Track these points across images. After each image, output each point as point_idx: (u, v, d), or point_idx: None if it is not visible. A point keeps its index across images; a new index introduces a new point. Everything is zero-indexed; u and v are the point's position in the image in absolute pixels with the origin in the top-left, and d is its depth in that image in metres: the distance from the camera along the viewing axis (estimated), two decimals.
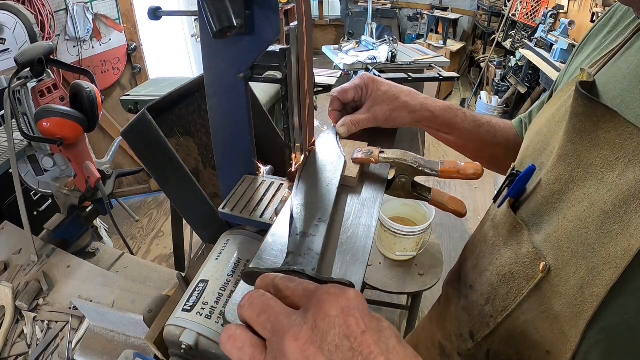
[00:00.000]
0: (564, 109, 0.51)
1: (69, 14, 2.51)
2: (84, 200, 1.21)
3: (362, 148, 0.63)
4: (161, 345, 0.55)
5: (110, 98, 2.90)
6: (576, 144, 0.45)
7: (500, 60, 5.02)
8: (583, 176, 0.44)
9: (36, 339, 0.92)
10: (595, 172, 0.43)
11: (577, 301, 0.41)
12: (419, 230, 1.60)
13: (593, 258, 0.41)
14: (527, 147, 0.59)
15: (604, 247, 0.40)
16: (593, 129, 0.43)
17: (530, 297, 0.48)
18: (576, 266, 0.42)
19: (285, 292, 0.33)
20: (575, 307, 0.42)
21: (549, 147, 0.52)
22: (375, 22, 4.38)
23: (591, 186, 0.43)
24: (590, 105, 0.43)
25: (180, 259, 2.14)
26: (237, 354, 0.31)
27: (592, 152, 0.43)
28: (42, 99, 1.13)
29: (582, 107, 0.44)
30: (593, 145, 0.43)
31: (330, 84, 2.04)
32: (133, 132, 0.67)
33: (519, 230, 0.52)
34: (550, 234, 0.46)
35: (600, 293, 0.39)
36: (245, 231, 0.63)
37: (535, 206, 0.51)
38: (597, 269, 0.40)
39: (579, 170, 0.45)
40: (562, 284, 0.44)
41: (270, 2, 0.48)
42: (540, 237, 0.48)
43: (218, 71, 0.54)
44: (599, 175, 0.42)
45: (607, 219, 0.40)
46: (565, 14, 3.93)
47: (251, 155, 0.61)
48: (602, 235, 0.40)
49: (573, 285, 0.42)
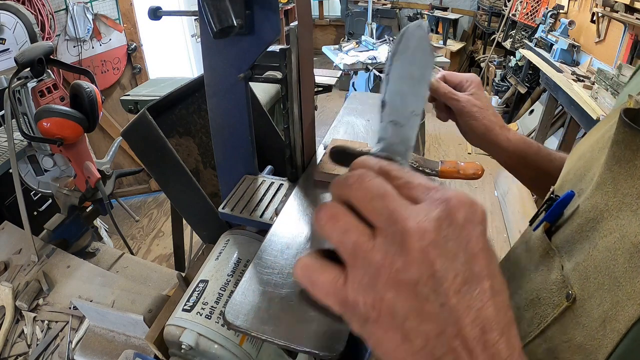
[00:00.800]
0: (607, 136, 0.50)
1: (69, 14, 2.51)
2: (84, 200, 1.21)
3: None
4: (161, 345, 0.55)
5: (110, 98, 2.90)
6: (614, 172, 0.45)
7: (500, 60, 5.03)
8: (618, 206, 0.44)
9: (36, 339, 0.92)
10: (630, 202, 0.42)
11: (598, 334, 0.41)
12: None
13: (618, 292, 0.40)
14: (568, 172, 0.58)
15: (630, 281, 0.39)
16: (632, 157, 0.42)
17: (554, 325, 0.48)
18: (600, 298, 0.42)
19: (399, 182, 0.29)
20: (596, 341, 0.41)
21: (589, 174, 0.52)
22: (375, 22, 4.38)
23: (624, 217, 0.42)
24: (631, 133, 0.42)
25: (180, 259, 2.13)
26: (338, 237, 0.28)
27: (628, 181, 0.43)
28: (42, 99, 1.13)
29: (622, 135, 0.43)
30: (630, 175, 0.43)
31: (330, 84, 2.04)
32: (133, 132, 0.67)
33: (551, 257, 0.51)
34: (580, 263, 0.46)
35: (622, 329, 0.38)
36: (245, 231, 0.63)
37: (569, 233, 0.50)
38: (620, 303, 0.39)
39: (614, 199, 0.44)
40: (585, 314, 0.43)
41: (270, 2, 0.48)
42: (570, 265, 0.48)
43: (218, 71, 0.54)
44: (634, 206, 0.42)
45: (636, 252, 0.39)
46: (565, 14, 3.93)
47: (251, 155, 0.61)
48: (630, 269, 0.39)
49: (596, 317, 0.42)
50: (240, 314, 0.40)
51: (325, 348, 0.38)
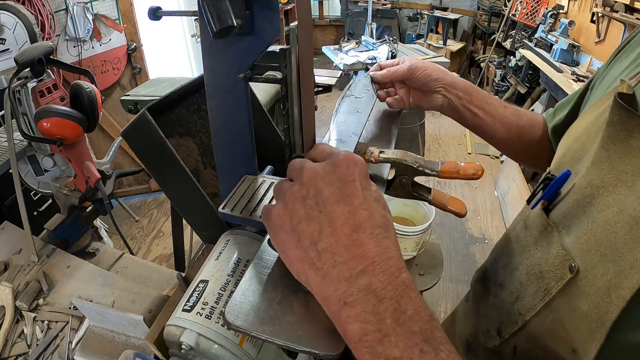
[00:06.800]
0: (602, 119, 0.52)
1: (69, 14, 2.51)
2: (84, 200, 1.21)
3: (362, 148, 0.63)
4: (161, 345, 0.55)
5: (110, 98, 2.90)
6: (609, 151, 0.47)
7: (500, 60, 5.03)
8: (614, 182, 0.46)
9: (36, 339, 0.92)
10: (626, 179, 0.45)
11: (603, 302, 0.43)
12: (419, 230, 1.60)
13: (620, 262, 0.42)
14: (565, 153, 0.61)
15: (632, 251, 0.41)
16: (626, 137, 0.45)
17: (559, 296, 0.50)
18: (604, 269, 0.44)
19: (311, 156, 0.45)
20: (601, 308, 0.43)
21: (586, 155, 0.54)
22: (375, 22, 4.38)
23: (621, 192, 0.45)
24: (626, 115, 0.45)
25: (180, 259, 2.13)
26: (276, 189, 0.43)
27: (624, 159, 0.45)
28: (42, 99, 1.13)
29: (617, 117, 0.46)
30: (625, 153, 0.45)
31: (330, 84, 2.04)
32: (133, 132, 0.67)
33: (550, 232, 0.54)
34: (580, 237, 0.48)
35: (626, 295, 0.41)
36: (245, 231, 0.63)
37: (566, 209, 0.52)
38: (624, 272, 0.42)
39: (610, 176, 0.47)
40: (589, 285, 0.45)
41: (270, 2, 0.48)
42: (570, 239, 0.50)
43: (218, 71, 0.54)
44: (630, 182, 0.44)
45: (635, 224, 0.42)
46: (565, 14, 3.93)
47: (251, 155, 0.60)
48: (630, 240, 0.42)
49: (600, 286, 0.44)
50: (240, 314, 0.40)
51: (325, 348, 0.38)
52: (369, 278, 0.35)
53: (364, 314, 0.34)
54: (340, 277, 0.35)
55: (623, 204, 0.44)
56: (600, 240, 0.45)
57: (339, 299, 0.35)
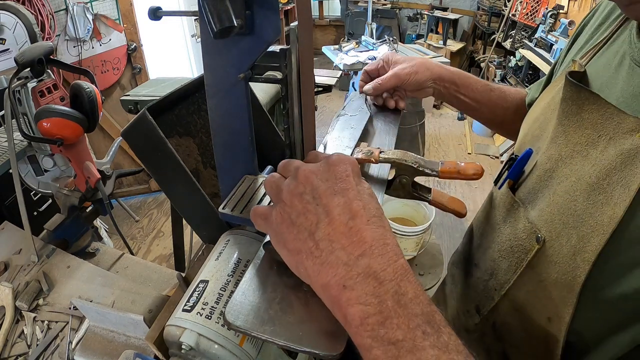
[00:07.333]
0: (558, 97, 0.55)
1: (69, 14, 2.51)
2: (84, 200, 1.21)
3: (362, 148, 0.63)
4: (161, 345, 0.55)
5: (110, 98, 2.90)
6: (565, 125, 0.50)
7: (500, 60, 5.02)
8: (570, 154, 0.49)
9: (36, 339, 0.92)
10: (580, 149, 0.48)
11: (570, 267, 0.45)
12: (419, 231, 1.60)
13: (582, 227, 0.45)
14: (526, 134, 0.63)
15: (592, 216, 0.44)
16: (578, 111, 0.48)
17: (529, 268, 0.52)
18: (567, 236, 0.46)
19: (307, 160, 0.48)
20: (569, 273, 0.45)
21: (545, 133, 0.56)
22: (375, 22, 4.38)
23: (577, 162, 0.48)
24: (576, 90, 0.48)
25: (180, 259, 2.13)
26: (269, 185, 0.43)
27: (577, 132, 0.48)
28: (42, 99, 1.13)
29: (569, 93, 0.50)
30: (579, 126, 0.48)
31: (330, 84, 2.04)
32: (133, 132, 0.67)
33: (516, 208, 0.57)
34: (543, 209, 0.51)
35: (591, 258, 0.43)
36: (245, 231, 0.63)
37: (531, 185, 0.55)
38: (586, 236, 0.44)
39: (566, 149, 0.50)
40: (555, 253, 0.48)
41: (271, 2, 0.48)
42: (535, 212, 0.53)
43: (218, 71, 0.54)
44: (584, 152, 0.47)
45: (592, 191, 0.44)
46: (565, 14, 3.93)
47: (251, 155, 0.60)
48: (589, 205, 0.44)
49: (566, 253, 0.46)
50: (240, 314, 0.40)
51: (326, 348, 0.38)
52: (367, 261, 0.35)
53: (364, 296, 0.34)
54: (339, 262, 0.35)
55: (580, 173, 0.46)
56: (562, 209, 0.47)
57: (339, 283, 0.35)
